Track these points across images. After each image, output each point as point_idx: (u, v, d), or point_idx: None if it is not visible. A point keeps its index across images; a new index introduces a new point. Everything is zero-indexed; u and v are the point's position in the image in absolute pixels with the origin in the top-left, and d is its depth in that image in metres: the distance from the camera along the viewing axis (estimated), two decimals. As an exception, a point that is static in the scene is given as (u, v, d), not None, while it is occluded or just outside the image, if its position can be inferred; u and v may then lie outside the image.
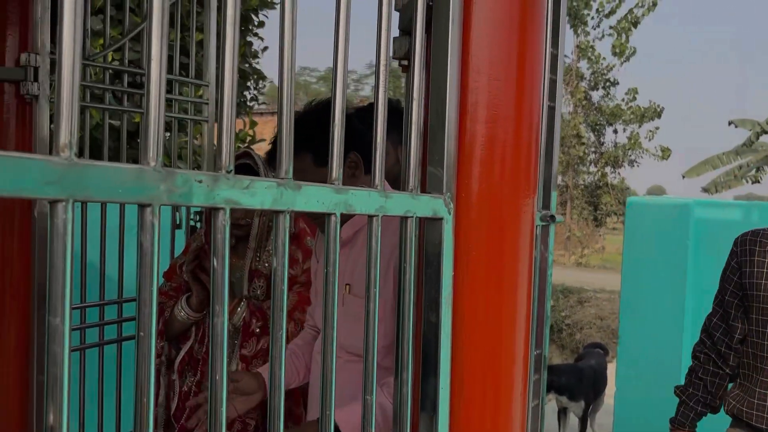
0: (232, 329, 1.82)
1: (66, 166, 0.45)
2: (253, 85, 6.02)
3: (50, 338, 0.45)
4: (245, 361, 1.80)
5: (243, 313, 1.80)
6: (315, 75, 40.21)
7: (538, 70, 0.94)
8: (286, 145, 0.62)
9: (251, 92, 6.10)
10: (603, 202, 18.22)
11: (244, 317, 1.79)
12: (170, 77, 2.17)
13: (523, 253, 0.94)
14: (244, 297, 1.85)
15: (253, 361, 1.79)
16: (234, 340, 1.83)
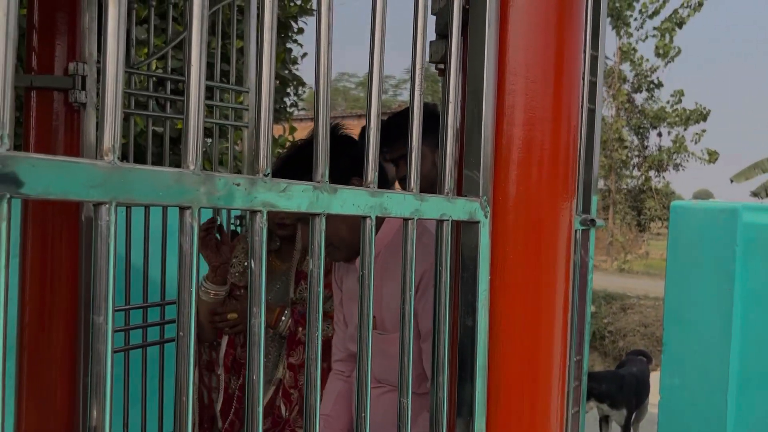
0: (276, 335, 1.83)
1: (110, 169, 0.46)
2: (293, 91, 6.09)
3: (94, 337, 0.47)
4: (293, 369, 1.79)
5: (288, 322, 1.79)
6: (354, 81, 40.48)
7: (576, 72, 0.93)
8: (322, 149, 0.63)
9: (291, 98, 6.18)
10: (647, 207, 17.82)
11: (289, 326, 1.79)
12: (211, 84, 2.21)
13: (561, 258, 0.93)
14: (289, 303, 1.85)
15: (301, 370, 1.79)
16: (281, 342, 1.84)
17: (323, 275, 1.62)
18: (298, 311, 1.80)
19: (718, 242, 2.20)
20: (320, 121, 0.63)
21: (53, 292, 1.80)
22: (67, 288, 1.82)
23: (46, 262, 1.79)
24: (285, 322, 1.78)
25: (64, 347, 1.81)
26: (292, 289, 1.86)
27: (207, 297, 1.87)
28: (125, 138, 2.34)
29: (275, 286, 1.91)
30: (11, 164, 0.41)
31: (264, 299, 0.58)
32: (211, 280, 1.86)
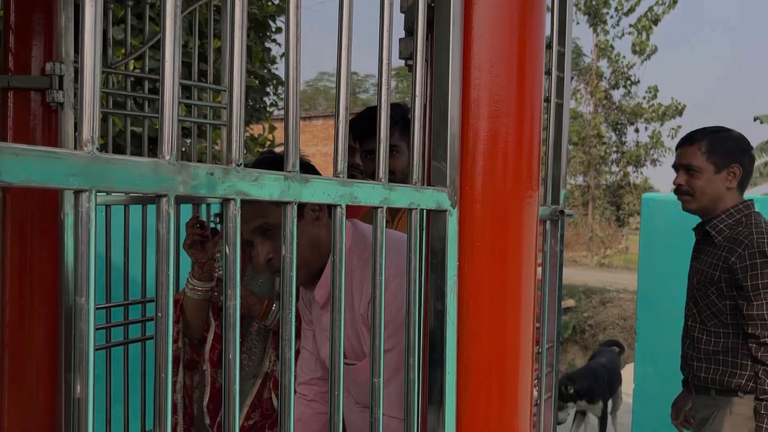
0: (262, 329, 1.85)
1: (89, 159, 0.49)
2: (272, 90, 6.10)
3: (77, 316, 0.50)
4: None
5: (277, 315, 1.80)
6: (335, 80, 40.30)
7: (538, 67, 0.97)
8: (292, 140, 0.66)
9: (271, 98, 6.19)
10: (625, 202, 18.07)
11: (277, 318, 1.81)
12: (189, 83, 2.23)
13: (527, 245, 0.97)
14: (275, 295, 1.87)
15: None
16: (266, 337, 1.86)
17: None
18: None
19: (689, 233, 2.27)
20: (291, 115, 0.66)
21: (33, 291, 1.81)
22: (47, 287, 1.83)
23: (25, 261, 1.80)
24: (274, 314, 1.80)
25: (45, 346, 1.82)
26: (278, 281, 1.88)
27: (194, 294, 1.88)
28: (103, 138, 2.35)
29: (258, 279, 1.93)
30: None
31: (239, 283, 0.61)
32: (197, 277, 1.88)
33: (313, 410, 1.63)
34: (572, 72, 17.81)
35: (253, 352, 1.87)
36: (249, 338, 1.87)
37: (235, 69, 0.59)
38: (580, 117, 17.80)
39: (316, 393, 1.63)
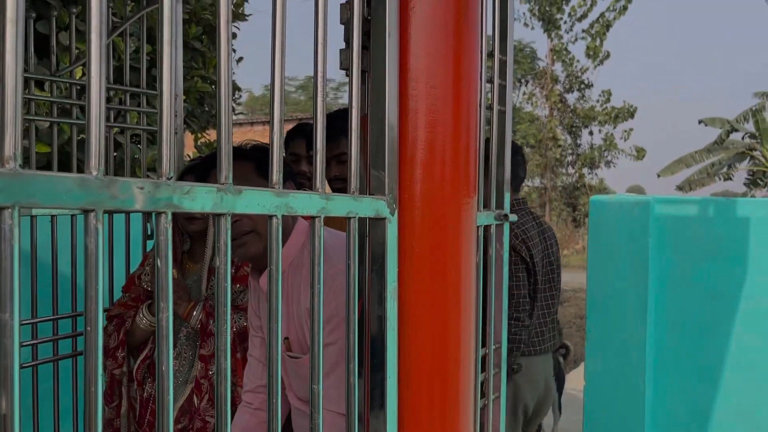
0: (191, 332, 1.86)
1: (11, 175, 0.49)
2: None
3: (0, 332, 0.50)
4: (204, 361, 1.83)
5: (200, 316, 1.83)
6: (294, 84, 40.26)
7: (474, 77, 1.00)
8: (225, 152, 0.67)
9: (227, 103, 6.12)
10: (581, 203, 18.44)
11: (200, 319, 1.83)
12: (139, 90, 2.20)
13: (466, 250, 1.00)
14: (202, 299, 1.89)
15: (211, 360, 1.83)
16: (195, 342, 1.87)
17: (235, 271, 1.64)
18: (210, 305, 1.85)
19: (633, 234, 2.35)
20: (222, 126, 0.67)
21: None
22: None
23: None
24: (196, 317, 1.83)
25: None
26: (205, 285, 1.89)
27: (143, 324, 1.89)
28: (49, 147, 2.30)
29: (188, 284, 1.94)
30: None
31: (171, 295, 0.62)
32: (151, 311, 1.88)
33: (258, 419, 1.63)
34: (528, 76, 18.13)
35: (183, 358, 1.88)
36: (179, 344, 1.88)
37: (165, 85, 0.59)
38: (537, 120, 18.13)
39: (262, 401, 1.63)
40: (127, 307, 1.93)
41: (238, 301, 1.84)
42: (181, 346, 1.87)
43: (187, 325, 1.84)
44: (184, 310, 1.82)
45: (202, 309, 1.82)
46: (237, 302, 1.84)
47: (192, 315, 1.81)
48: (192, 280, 1.90)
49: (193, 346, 1.86)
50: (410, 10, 0.93)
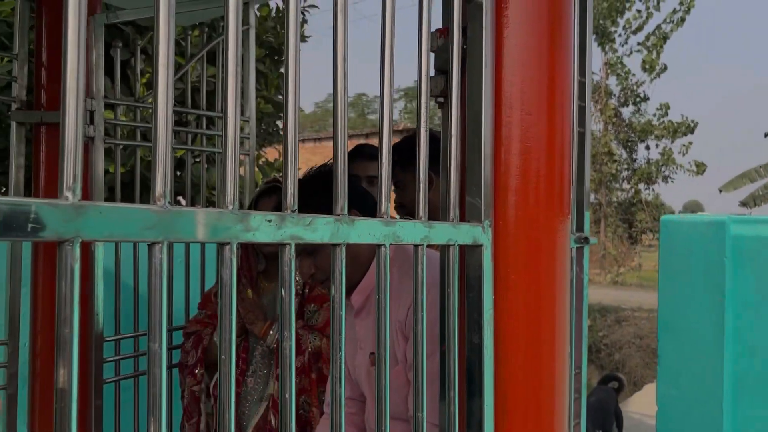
0: (267, 351, 1.89)
1: (161, 212, 0.52)
2: (285, 114, 6.17)
3: (150, 361, 0.52)
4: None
5: (275, 336, 1.86)
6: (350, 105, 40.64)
7: (567, 103, 1.00)
8: (341, 184, 0.69)
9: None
10: (638, 220, 17.97)
11: (276, 339, 1.86)
12: (213, 114, 2.28)
13: (560, 275, 0.99)
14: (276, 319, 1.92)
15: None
16: (270, 360, 1.89)
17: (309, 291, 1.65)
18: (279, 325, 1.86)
19: (708, 254, 2.27)
20: (339, 159, 0.69)
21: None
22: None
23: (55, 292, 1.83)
24: (273, 336, 1.85)
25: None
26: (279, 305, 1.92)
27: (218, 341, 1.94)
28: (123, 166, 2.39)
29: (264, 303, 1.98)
30: (81, 212, 0.47)
31: (294, 324, 0.64)
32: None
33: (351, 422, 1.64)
34: (581, 90, 17.80)
35: (259, 375, 1.91)
36: (254, 362, 1.91)
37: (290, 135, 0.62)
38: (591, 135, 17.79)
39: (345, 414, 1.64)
40: (204, 324, 1.98)
41: (312, 321, 1.87)
42: (256, 364, 1.90)
43: (263, 343, 1.87)
44: (260, 328, 1.85)
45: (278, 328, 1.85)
46: (311, 322, 1.87)
47: (269, 334, 1.85)
48: (267, 299, 1.94)
49: (268, 365, 1.89)
50: (504, 39, 0.94)
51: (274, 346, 1.85)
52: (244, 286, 1.92)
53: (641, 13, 16.13)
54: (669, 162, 17.14)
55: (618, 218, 18.38)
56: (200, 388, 1.93)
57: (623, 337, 9.76)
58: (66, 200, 0.47)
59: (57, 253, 0.47)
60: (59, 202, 0.46)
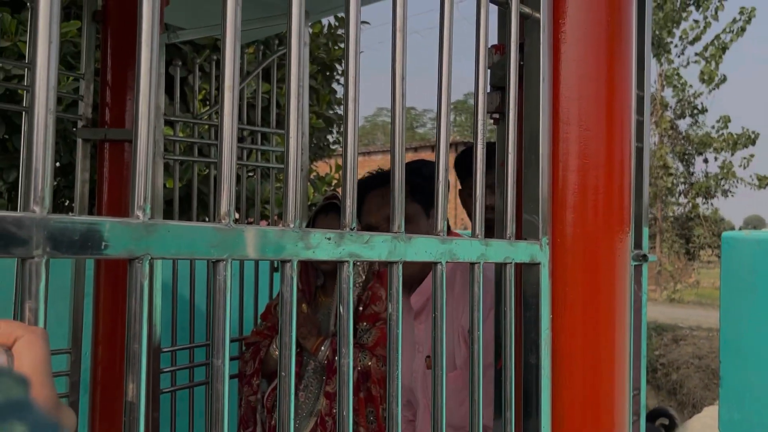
0: (318, 367, 1.90)
1: (226, 231, 0.53)
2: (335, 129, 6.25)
3: (213, 377, 0.53)
4: (329, 398, 1.86)
5: (327, 351, 1.87)
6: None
7: (627, 119, 0.98)
8: (398, 202, 0.69)
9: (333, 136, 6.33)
10: (695, 235, 17.38)
11: (327, 355, 1.87)
12: (267, 130, 2.32)
13: (620, 294, 0.97)
14: (330, 334, 1.93)
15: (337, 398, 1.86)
16: (321, 376, 1.90)
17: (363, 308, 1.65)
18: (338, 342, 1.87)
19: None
20: (396, 178, 0.69)
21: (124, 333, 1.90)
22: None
23: (117, 303, 1.89)
24: (324, 352, 1.87)
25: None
26: (333, 321, 1.94)
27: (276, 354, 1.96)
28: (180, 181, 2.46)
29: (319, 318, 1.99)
30: (152, 230, 0.49)
31: (351, 340, 0.64)
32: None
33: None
34: (635, 102, 17.40)
35: (310, 390, 1.92)
36: (306, 376, 1.92)
37: (349, 146, 0.62)
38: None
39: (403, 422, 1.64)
40: (263, 335, 2.02)
41: (363, 340, 1.87)
42: (308, 379, 1.92)
43: (315, 358, 1.88)
44: (313, 344, 1.86)
45: (329, 345, 1.86)
46: (362, 340, 1.87)
47: (320, 350, 1.86)
48: (322, 314, 1.96)
49: (319, 380, 1.90)
50: (562, 54, 0.93)
51: (325, 362, 1.86)
52: (300, 300, 1.94)
53: (699, 23, 15.70)
54: (729, 175, 16.55)
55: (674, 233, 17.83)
56: (256, 398, 1.96)
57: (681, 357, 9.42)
58: (137, 219, 0.48)
59: (127, 270, 0.49)
60: (131, 221, 0.48)
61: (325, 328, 1.95)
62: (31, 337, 0.39)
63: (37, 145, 0.43)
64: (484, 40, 0.83)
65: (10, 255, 0.42)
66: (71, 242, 0.44)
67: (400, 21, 0.69)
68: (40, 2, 0.44)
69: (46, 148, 0.43)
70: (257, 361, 1.96)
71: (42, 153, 0.43)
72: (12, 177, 3.60)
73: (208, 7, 2.21)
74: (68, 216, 0.44)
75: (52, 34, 0.44)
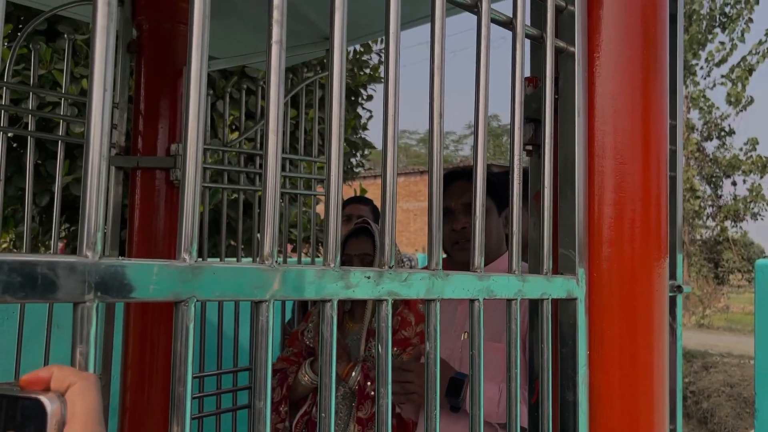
0: (348, 392, 1.89)
1: (270, 271, 0.53)
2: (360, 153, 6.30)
3: (255, 419, 0.53)
4: (361, 424, 1.85)
5: (358, 377, 1.87)
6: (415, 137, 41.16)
7: (662, 150, 0.97)
8: (436, 239, 0.69)
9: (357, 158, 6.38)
10: (724, 259, 17.06)
11: (358, 381, 1.86)
12: (294, 157, 2.35)
13: (657, 327, 0.95)
14: (359, 360, 1.92)
15: (368, 424, 1.85)
16: (351, 402, 1.89)
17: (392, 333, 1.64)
18: (368, 367, 1.87)
19: (810, 302, 2.13)
20: (434, 214, 0.69)
21: (153, 358, 1.91)
22: (164, 353, 1.92)
23: (147, 327, 1.91)
24: (355, 377, 1.86)
25: (162, 409, 1.91)
26: (363, 346, 1.93)
27: (304, 381, 1.96)
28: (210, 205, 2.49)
29: (348, 343, 1.98)
30: (198, 273, 0.49)
31: (390, 374, 0.63)
32: (313, 369, 1.95)
33: None
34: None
35: (339, 417, 1.91)
36: (335, 402, 1.91)
37: (388, 190, 0.62)
38: (674, 173, 17.10)
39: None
40: (290, 362, 2.01)
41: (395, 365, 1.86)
42: (337, 405, 1.91)
43: (345, 384, 1.88)
44: (343, 369, 1.86)
45: (360, 370, 1.86)
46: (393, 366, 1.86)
47: (351, 375, 1.85)
48: (351, 339, 1.95)
49: (348, 406, 1.89)
50: (596, 87, 0.92)
51: (355, 388, 1.85)
52: None
53: (725, 44, 15.57)
54: (758, 198, 16.26)
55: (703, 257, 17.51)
56: (284, 426, 1.95)
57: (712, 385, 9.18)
58: (183, 262, 0.49)
59: (173, 313, 0.49)
60: (177, 263, 0.48)
61: (355, 353, 1.94)
62: (84, 384, 0.39)
63: (91, 190, 0.44)
64: (520, 75, 0.83)
65: (62, 300, 0.42)
66: (121, 286, 0.45)
67: (438, 59, 0.70)
68: (95, 52, 0.45)
69: (99, 195, 0.44)
70: (285, 388, 1.95)
71: (95, 199, 0.44)
72: (44, 201, 3.68)
73: (242, 37, 2.26)
74: (118, 260, 0.45)
75: (107, 82, 0.45)
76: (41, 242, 4.34)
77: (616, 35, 0.93)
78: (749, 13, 15.85)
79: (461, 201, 1.65)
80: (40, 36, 3.65)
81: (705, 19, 15.81)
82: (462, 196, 1.65)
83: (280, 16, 0.55)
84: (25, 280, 0.40)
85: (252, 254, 2.76)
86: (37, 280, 0.41)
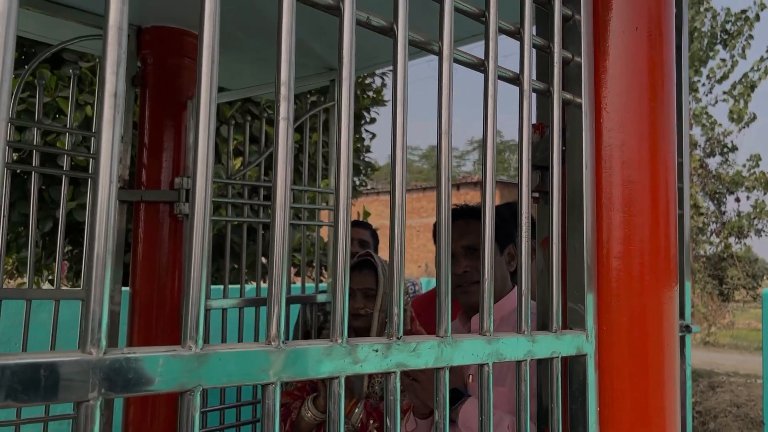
0: (351, 429, 1.87)
1: (276, 353, 0.52)
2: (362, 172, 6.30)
3: (261, 506, 0.52)
4: None
5: (360, 414, 1.84)
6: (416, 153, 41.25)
7: (671, 202, 0.96)
8: (444, 307, 0.68)
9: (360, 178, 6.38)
10: (729, 275, 16.98)
11: (361, 418, 1.84)
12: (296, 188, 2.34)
13: (668, 377, 0.93)
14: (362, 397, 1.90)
15: None
16: None
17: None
18: (370, 404, 1.85)
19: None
20: (442, 282, 0.68)
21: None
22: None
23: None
24: (358, 414, 1.84)
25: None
26: (366, 383, 1.91)
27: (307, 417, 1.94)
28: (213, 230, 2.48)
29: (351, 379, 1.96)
30: (204, 360, 0.48)
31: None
32: (320, 408, 1.93)
33: None
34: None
35: None
36: None
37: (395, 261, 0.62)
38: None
39: None
40: (293, 396, 1.99)
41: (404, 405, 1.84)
42: None
43: (347, 421, 1.86)
44: (346, 406, 1.84)
45: (363, 407, 1.84)
46: (403, 406, 1.84)
47: (353, 412, 1.83)
48: (354, 376, 1.94)
49: None
50: (604, 138, 0.92)
51: (358, 425, 1.83)
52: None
53: (726, 61, 15.63)
54: (762, 214, 16.22)
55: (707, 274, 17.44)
56: None
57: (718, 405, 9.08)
58: (189, 350, 0.48)
59: (179, 402, 0.48)
60: (183, 352, 0.47)
61: (358, 390, 1.92)
62: None
63: (96, 286, 0.43)
64: (528, 127, 0.83)
65: (67, 400, 0.41)
66: (126, 381, 0.44)
67: (446, 101, 0.69)
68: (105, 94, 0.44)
69: (104, 291, 0.43)
70: (288, 423, 1.93)
71: (99, 295, 0.43)
72: (48, 227, 3.68)
73: (248, 71, 2.26)
74: (123, 353, 0.44)
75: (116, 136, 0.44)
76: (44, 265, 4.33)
77: (623, 87, 0.92)
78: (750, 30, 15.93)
79: (461, 243, 1.62)
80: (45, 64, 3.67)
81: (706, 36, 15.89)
82: (462, 238, 1.62)
83: (287, 92, 0.55)
84: (28, 384, 0.39)
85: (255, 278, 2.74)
86: (40, 383, 0.40)
